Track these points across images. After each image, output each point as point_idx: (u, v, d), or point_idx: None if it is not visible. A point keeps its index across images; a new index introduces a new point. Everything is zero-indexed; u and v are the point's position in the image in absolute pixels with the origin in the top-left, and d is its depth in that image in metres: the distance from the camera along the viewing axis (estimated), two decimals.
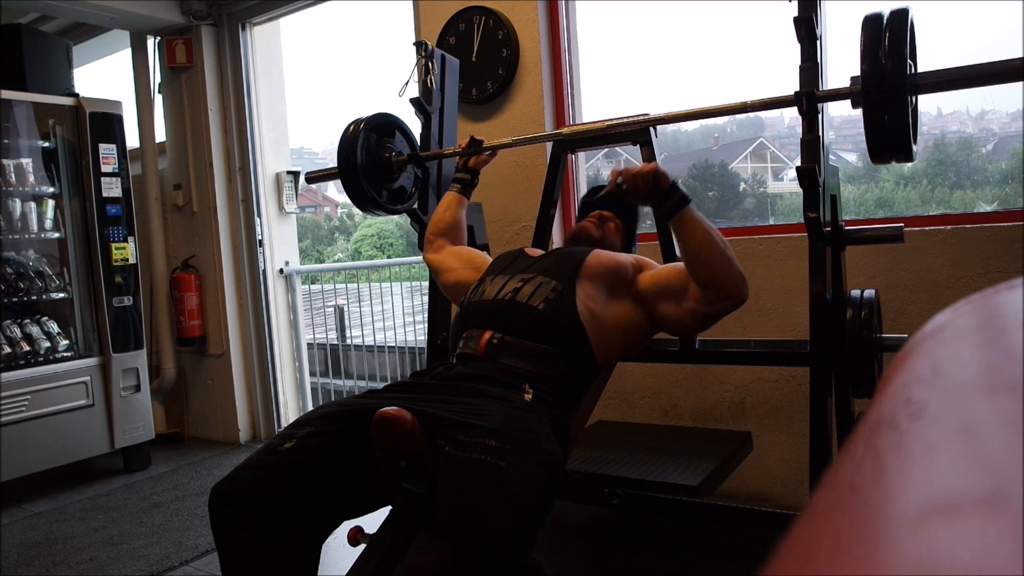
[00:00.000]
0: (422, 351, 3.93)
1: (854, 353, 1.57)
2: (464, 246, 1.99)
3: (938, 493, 0.17)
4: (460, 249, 1.96)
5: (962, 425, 0.19)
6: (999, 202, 7.75)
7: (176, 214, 3.87)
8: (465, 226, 2.02)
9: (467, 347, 1.57)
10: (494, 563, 1.11)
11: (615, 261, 1.69)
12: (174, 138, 3.82)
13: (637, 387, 2.60)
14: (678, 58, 14.09)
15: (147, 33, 3.76)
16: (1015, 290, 0.25)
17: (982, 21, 8.99)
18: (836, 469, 0.21)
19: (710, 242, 1.50)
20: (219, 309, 3.75)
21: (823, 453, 1.53)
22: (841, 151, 9.35)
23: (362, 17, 70.28)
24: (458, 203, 1.99)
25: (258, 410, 3.82)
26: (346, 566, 1.33)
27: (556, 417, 1.45)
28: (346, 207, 20.98)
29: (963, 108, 12.05)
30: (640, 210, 2.02)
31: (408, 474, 1.36)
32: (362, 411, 1.38)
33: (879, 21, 1.41)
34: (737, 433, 2.13)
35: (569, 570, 2.12)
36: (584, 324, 1.55)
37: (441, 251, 1.96)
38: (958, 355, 0.23)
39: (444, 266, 1.93)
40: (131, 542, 2.52)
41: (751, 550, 2.05)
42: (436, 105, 2.18)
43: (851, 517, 0.18)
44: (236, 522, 1.28)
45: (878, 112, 1.41)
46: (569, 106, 2.78)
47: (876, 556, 0.16)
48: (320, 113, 58.13)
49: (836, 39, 1.80)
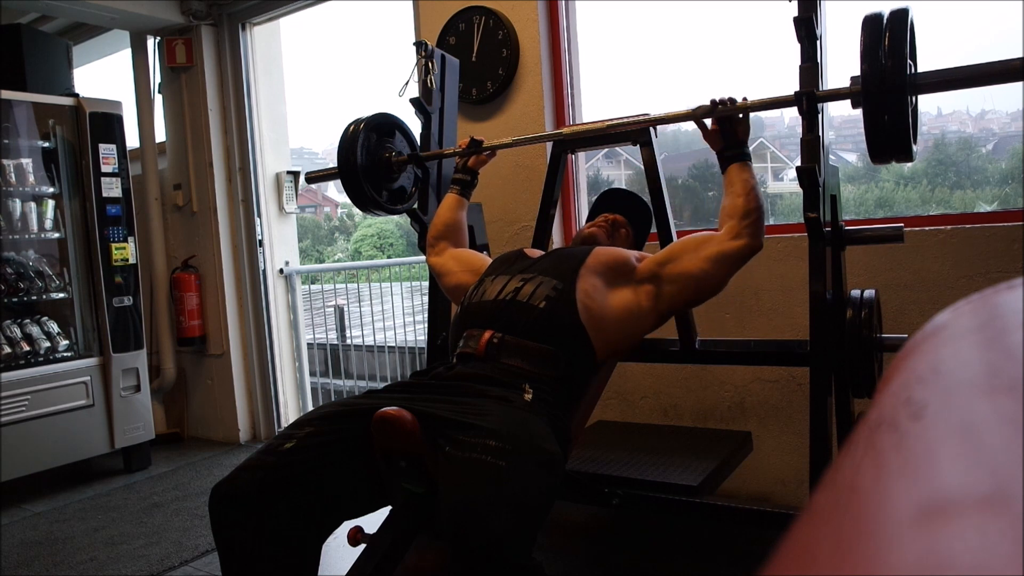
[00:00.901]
0: (422, 351, 3.93)
1: (854, 353, 1.57)
2: (465, 248, 2.00)
3: (938, 493, 0.17)
4: (460, 252, 1.97)
5: (962, 425, 0.19)
6: (999, 202, 7.74)
7: (176, 214, 3.87)
8: (466, 227, 2.03)
9: (467, 346, 1.57)
10: (494, 563, 1.11)
11: (618, 254, 1.70)
12: (174, 138, 3.82)
13: (637, 387, 2.60)
14: (678, 58, 14.05)
15: (147, 33, 3.76)
16: (1015, 290, 0.25)
17: (982, 21, 8.93)
18: (836, 469, 0.21)
19: (756, 184, 1.64)
20: (219, 309, 3.75)
21: (823, 453, 1.53)
22: (841, 151, 9.33)
23: (362, 17, 70.22)
24: (458, 204, 2.00)
25: (258, 410, 3.82)
26: (346, 566, 1.33)
27: (556, 417, 1.45)
28: (346, 207, 20.97)
29: (963, 108, 12.05)
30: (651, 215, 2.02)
31: (408, 474, 1.36)
32: (362, 411, 1.38)
33: (879, 21, 1.41)
34: (737, 433, 2.13)
35: (569, 570, 2.12)
36: (584, 323, 1.55)
37: (442, 254, 1.97)
38: (958, 355, 0.23)
39: (444, 269, 1.94)
40: (131, 542, 2.52)
41: (751, 550, 2.05)
42: (436, 105, 2.18)
43: (851, 517, 0.18)
44: (236, 522, 1.27)
45: (878, 112, 1.41)
46: (569, 106, 2.78)
47: (876, 556, 0.16)
48: (320, 113, 58.06)
49: (836, 39, 1.80)
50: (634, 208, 2.01)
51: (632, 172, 12.17)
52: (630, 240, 1.94)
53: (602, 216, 1.95)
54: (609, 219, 1.92)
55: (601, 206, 2.06)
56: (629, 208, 2.01)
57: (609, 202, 2.06)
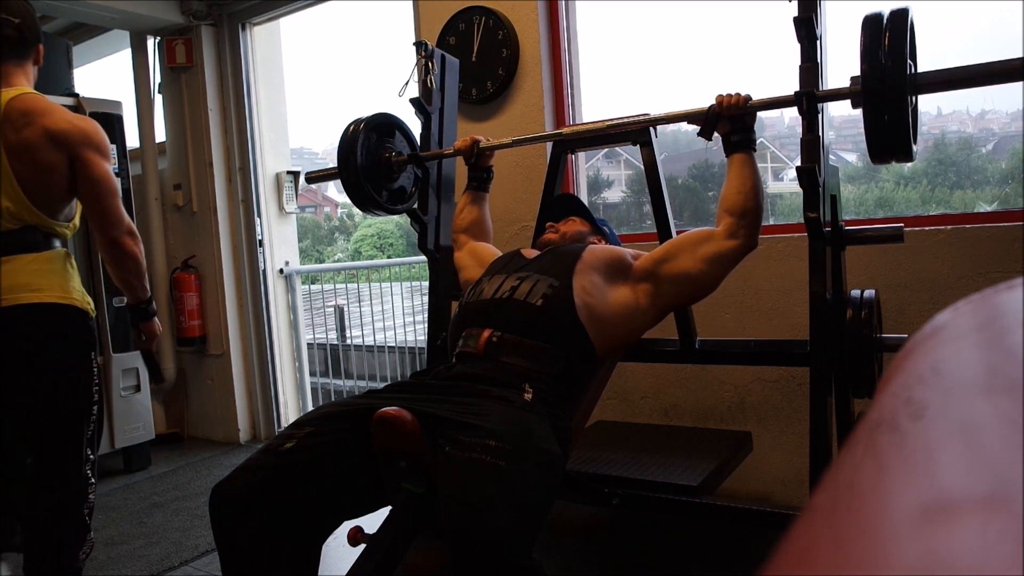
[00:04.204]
0: (422, 351, 3.93)
1: (854, 353, 1.57)
2: (483, 243, 2.01)
3: (938, 493, 0.17)
4: (476, 246, 1.99)
5: (962, 425, 0.19)
6: (999, 202, 7.75)
7: (176, 214, 3.87)
8: (487, 219, 2.05)
9: (467, 346, 1.57)
10: (494, 563, 1.12)
11: (613, 252, 1.71)
12: (174, 138, 3.82)
13: (637, 387, 2.60)
14: (678, 58, 14.09)
15: (147, 33, 3.76)
16: (1015, 290, 0.25)
17: (983, 21, 8.97)
18: (836, 469, 0.21)
19: (758, 180, 1.63)
20: (219, 309, 3.75)
21: (823, 453, 1.53)
22: (841, 151, 9.35)
23: (362, 17, 70.28)
24: (473, 198, 2.04)
25: (258, 410, 3.82)
26: (346, 566, 1.33)
27: (556, 417, 1.45)
28: (346, 207, 20.99)
29: (963, 108, 12.07)
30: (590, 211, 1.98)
31: (408, 474, 1.36)
32: (362, 411, 1.38)
33: (879, 21, 1.41)
34: (737, 433, 2.13)
35: (569, 570, 2.12)
36: (582, 319, 1.56)
37: (462, 248, 2.01)
38: (958, 355, 0.23)
39: (461, 264, 1.99)
40: (131, 542, 2.52)
41: (751, 550, 2.05)
42: (436, 105, 2.18)
43: (851, 517, 0.18)
44: (237, 522, 1.28)
45: (878, 112, 1.41)
46: (569, 106, 2.78)
47: (876, 556, 0.16)
48: (320, 113, 58.16)
49: (836, 39, 1.80)
50: (566, 205, 1.99)
51: (632, 172, 12.16)
52: (579, 223, 1.91)
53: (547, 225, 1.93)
54: (552, 226, 1.90)
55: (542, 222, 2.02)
56: (563, 208, 1.98)
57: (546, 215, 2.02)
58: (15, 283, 1.70)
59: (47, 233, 1.79)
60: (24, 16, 1.80)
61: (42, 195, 1.75)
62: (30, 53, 1.84)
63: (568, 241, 1.84)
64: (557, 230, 1.89)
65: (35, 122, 1.72)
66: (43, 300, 1.73)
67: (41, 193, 1.75)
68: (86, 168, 1.77)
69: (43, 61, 1.90)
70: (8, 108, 1.72)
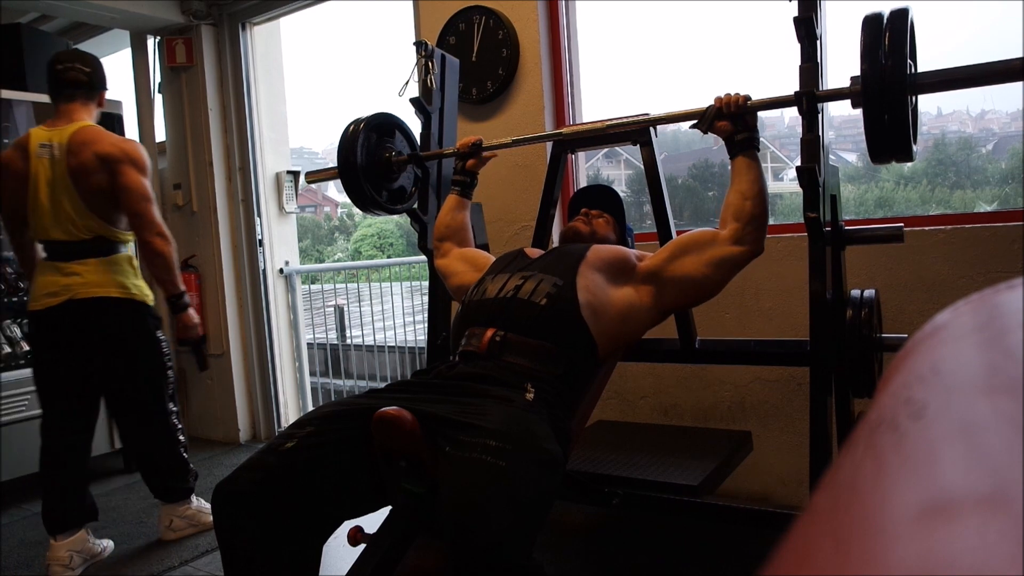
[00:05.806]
0: (422, 351, 3.93)
1: (854, 353, 1.57)
2: (470, 248, 2.01)
3: (938, 493, 0.17)
4: (465, 251, 1.98)
5: (962, 425, 0.19)
6: (999, 202, 7.75)
7: (176, 214, 3.87)
8: (470, 226, 2.04)
9: (470, 345, 1.57)
10: (494, 563, 1.11)
11: (617, 252, 1.71)
12: (174, 138, 3.82)
13: (637, 387, 2.60)
14: (678, 58, 14.10)
15: (147, 33, 3.76)
16: (1015, 290, 0.25)
17: (983, 21, 8.98)
18: (836, 469, 0.21)
19: (764, 184, 1.61)
20: (219, 309, 3.75)
21: (823, 453, 1.53)
22: (841, 151, 9.35)
23: (362, 17, 70.28)
24: (458, 205, 2.02)
25: (258, 410, 3.82)
26: (346, 566, 1.33)
27: (557, 417, 1.45)
28: (346, 207, 20.98)
29: (963, 108, 12.07)
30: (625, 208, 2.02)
31: (408, 474, 1.36)
32: (363, 411, 1.38)
33: (879, 21, 1.41)
34: (737, 433, 2.13)
35: (569, 570, 2.12)
36: (586, 318, 1.56)
37: (448, 255, 1.99)
38: (958, 355, 0.23)
39: (450, 270, 1.96)
40: (131, 542, 2.52)
41: (751, 550, 2.05)
42: (436, 105, 2.18)
43: (851, 517, 0.18)
44: (238, 522, 1.28)
45: (878, 112, 1.41)
46: (569, 106, 2.78)
47: (876, 556, 0.16)
48: (320, 113, 58.18)
49: (836, 39, 1.80)
50: (607, 199, 2.03)
51: (632, 172, 12.16)
52: (612, 226, 1.95)
53: (582, 210, 1.96)
54: (584, 212, 1.94)
55: (578, 203, 2.06)
56: (603, 200, 2.02)
57: (585, 197, 2.07)
58: (88, 280, 2.23)
59: (113, 241, 2.28)
60: (94, 67, 2.29)
61: (101, 209, 2.22)
62: (95, 96, 2.32)
63: (593, 240, 1.85)
64: (589, 222, 1.90)
65: (89, 148, 2.18)
66: (108, 294, 2.24)
67: (99, 207, 2.22)
68: (121, 178, 2.20)
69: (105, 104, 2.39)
70: (71, 139, 2.19)
